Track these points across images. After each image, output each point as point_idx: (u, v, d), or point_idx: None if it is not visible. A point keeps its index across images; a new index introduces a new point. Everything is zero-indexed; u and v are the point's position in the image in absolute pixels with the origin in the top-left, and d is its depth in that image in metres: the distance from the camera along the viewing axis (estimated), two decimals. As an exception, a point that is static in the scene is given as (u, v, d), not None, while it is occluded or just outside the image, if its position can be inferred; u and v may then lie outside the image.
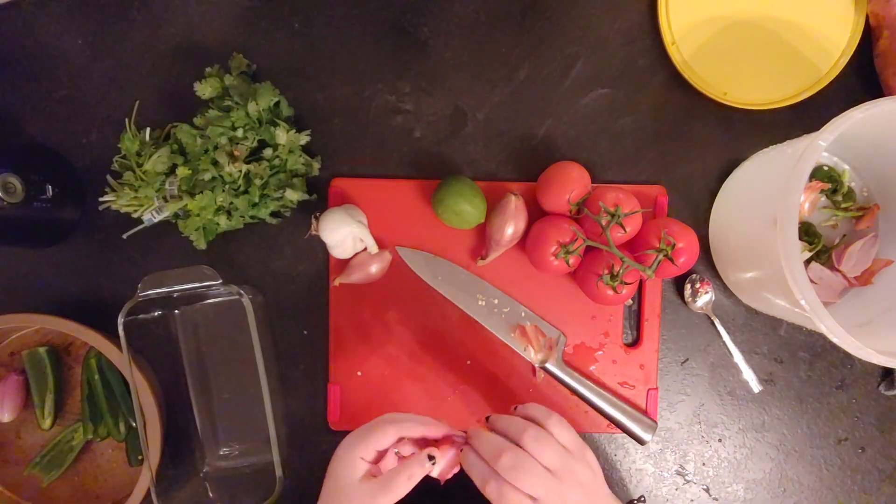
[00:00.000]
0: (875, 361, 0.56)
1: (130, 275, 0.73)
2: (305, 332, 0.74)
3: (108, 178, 0.72)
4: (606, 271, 0.65)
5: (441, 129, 0.74)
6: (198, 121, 0.68)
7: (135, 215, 0.70)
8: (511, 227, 0.68)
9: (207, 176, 0.66)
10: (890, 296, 0.68)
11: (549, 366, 0.70)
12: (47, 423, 0.72)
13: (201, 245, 0.70)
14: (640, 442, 0.71)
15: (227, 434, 0.74)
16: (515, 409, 0.56)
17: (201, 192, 0.66)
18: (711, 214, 0.74)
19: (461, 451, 0.54)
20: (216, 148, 0.67)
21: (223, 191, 0.67)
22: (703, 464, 0.76)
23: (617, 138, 0.74)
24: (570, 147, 0.74)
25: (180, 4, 0.73)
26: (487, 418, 0.56)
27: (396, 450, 0.54)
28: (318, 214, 0.69)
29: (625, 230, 0.64)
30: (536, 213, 0.70)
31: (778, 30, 0.72)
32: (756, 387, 0.74)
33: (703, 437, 0.76)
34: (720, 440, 0.76)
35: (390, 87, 0.73)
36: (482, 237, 0.72)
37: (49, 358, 0.72)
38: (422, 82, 0.73)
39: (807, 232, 0.72)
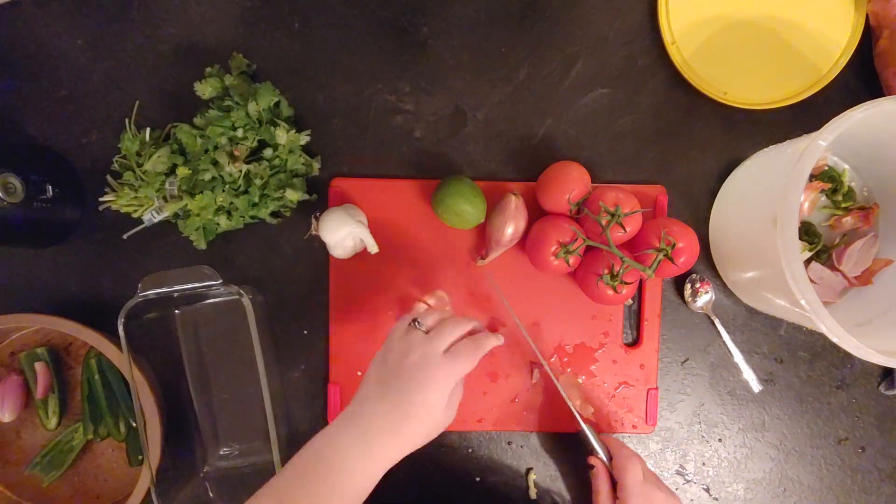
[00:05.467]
0: (875, 361, 0.56)
1: (130, 275, 0.73)
2: (305, 332, 0.74)
3: (108, 178, 0.72)
4: (606, 271, 0.65)
5: (441, 129, 0.74)
6: (198, 121, 0.68)
7: (135, 215, 0.70)
8: (511, 227, 0.68)
9: (207, 176, 0.66)
10: (890, 296, 0.68)
11: None
12: (52, 422, 0.72)
13: (201, 245, 0.70)
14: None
15: (227, 434, 0.74)
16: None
17: (201, 192, 0.66)
18: (711, 214, 0.74)
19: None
20: (216, 148, 0.67)
21: (223, 191, 0.67)
22: (703, 464, 0.76)
23: (617, 138, 0.74)
24: (570, 147, 0.74)
25: (180, 4, 0.73)
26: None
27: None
28: (318, 214, 0.69)
29: (625, 230, 0.64)
30: (536, 213, 0.70)
31: (778, 30, 0.72)
32: (756, 386, 0.74)
33: (703, 436, 0.76)
34: (720, 440, 0.76)
35: (390, 87, 0.73)
36: (482, 237, 0.72)
37: (49, 358, 0.72)
38: (422, 82, 0.73)
39: (807, 232, 0.72)
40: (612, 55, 0.74)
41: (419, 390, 0.52)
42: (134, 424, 0.71)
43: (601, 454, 0.68)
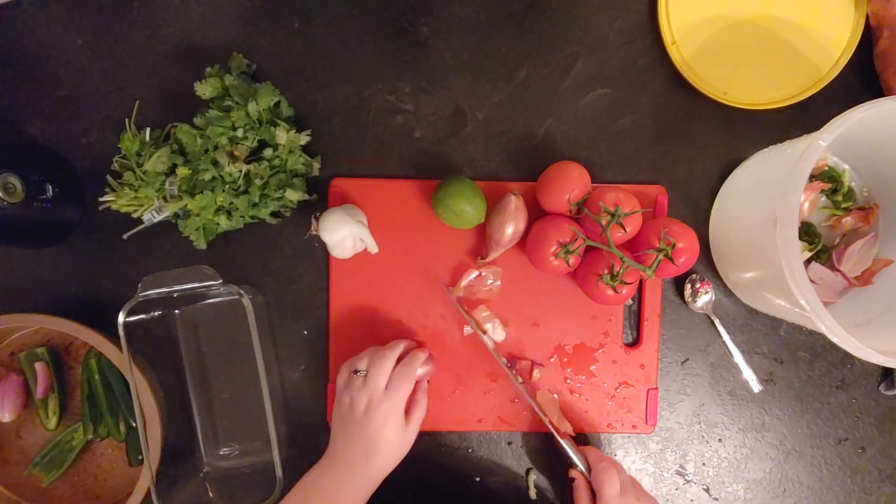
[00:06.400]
0: (875, 361, 0.56)
1: (130, 275, 0.73)
2: (305, 332, 0.74)
3: (108, 178, 0.72)
4: (606, 271, 0.65)
5: (441, 129, 0.74)
6: (198, 121, 0.68)
7: (135, 215, 0.70)
8: (511, 227, 0.68)
9: (207, 176, 0.66)
10: (890, 296, 0.68)
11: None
12: (52, 422, 0.72)
13: (201, 245, 0.70)
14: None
15: (227, 434, 0.74)
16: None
17: (201, 192, 0.66)
18: (711, 214, 0.74)
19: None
20: (216, 148, 0.67)
21: (223, 191, 0.67)
22: (703, 464, 0.76)
23: (617, 138, 0.74)
24: (570, 147, 0.74)
25: (180, 4, 0.73)
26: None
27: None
28: (318, 214, 0.69)
29: (625, 230, 0.64)
30: (536, 213, 0.70)
31: (778, 30, 0.72)
32: (756, 387, 0.74)
33: (703, 437, 0.76)
34: (720, 440, 0.76)
35: (390, 87, 0.73)
36: (482, 237, 0.72)
37: (49, 358, 0.72)
38: (422, 82, 0.73)
39: (807, 232, 0.72)
40: (612, 55, 0.74)
41: (376, 431, 0.62)
42: (134, 424, 0.71)
43: (580, 466, 0.67)
